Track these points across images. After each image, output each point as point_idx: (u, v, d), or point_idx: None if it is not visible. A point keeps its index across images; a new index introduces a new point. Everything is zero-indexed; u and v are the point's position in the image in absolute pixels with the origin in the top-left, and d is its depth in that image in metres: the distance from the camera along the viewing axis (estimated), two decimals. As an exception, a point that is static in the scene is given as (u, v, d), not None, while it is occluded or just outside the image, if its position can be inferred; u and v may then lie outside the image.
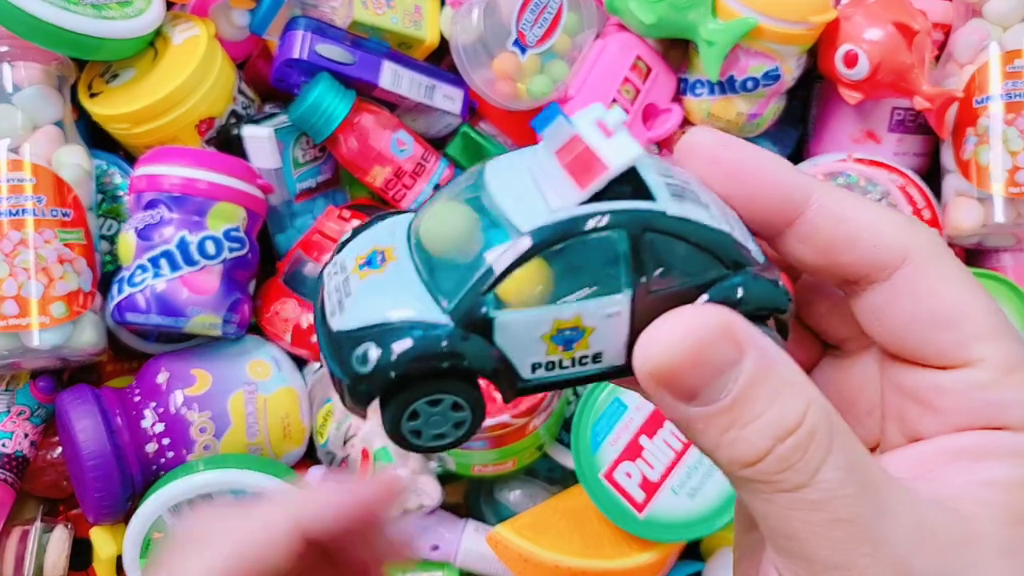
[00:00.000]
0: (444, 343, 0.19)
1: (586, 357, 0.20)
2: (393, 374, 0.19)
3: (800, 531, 0.18)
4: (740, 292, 0.20)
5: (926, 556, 0.19)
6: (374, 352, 0.19)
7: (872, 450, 0.23)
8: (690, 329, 0.18)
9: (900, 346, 0.22)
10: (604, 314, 0.19)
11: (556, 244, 0.19)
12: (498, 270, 0.19)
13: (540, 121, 0.20)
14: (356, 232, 0.22)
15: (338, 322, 0.20)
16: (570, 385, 0.21)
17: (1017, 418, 0.20)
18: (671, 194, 0.20)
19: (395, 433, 0.20)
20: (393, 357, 0.18)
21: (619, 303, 0.19)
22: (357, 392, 0.19)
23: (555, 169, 0.19)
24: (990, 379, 0.20)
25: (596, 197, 0.19)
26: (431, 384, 0.19)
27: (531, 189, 0.20)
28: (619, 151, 0.19)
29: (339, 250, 0.22)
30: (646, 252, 0.19)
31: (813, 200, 0.21)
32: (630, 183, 0.19)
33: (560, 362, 0.20)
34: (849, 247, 0.21)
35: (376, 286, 0.20)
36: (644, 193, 0.19)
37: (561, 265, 0.19)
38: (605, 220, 0.19)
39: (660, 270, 0.19)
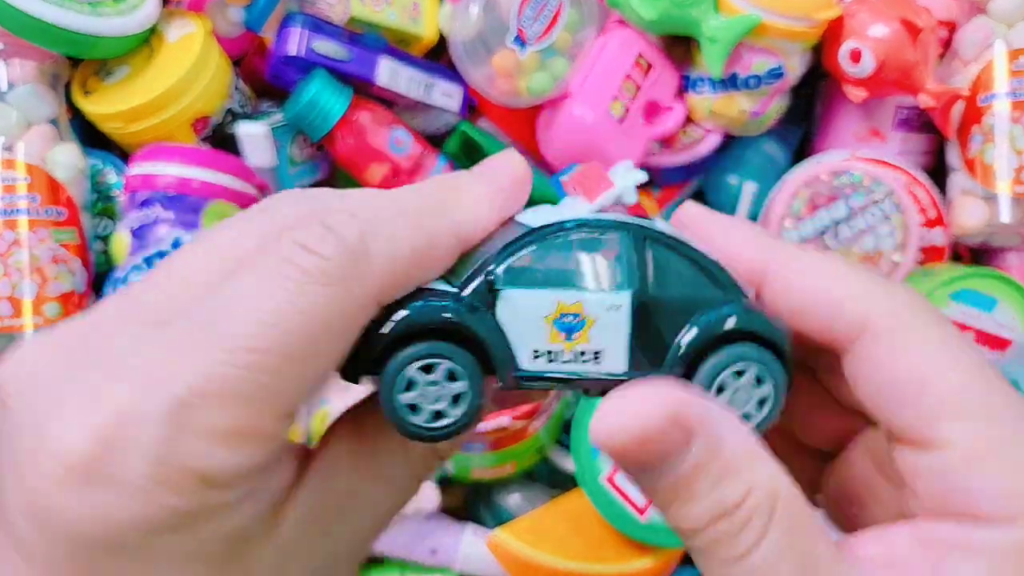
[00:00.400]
0: (446, 313, 0.20)
1: (586, 353, 0.21)
2: (390, 338, 0.20)
3: None
4: (731, 322, 0.21)
5: None
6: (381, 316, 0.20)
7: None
8: (640, 414, 0.19)
9: (877, 419, 0.21)
10: (605, 306, 0.20)
11: (562, 234, 0.21)
12: (508, 249, 0.21)
13: (560, 173, 0.24)
14: None
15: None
16: (569, 386, 0.21)
17: (989, 508, 0.19)
18: (671, 228, 0.22)
19: (391, 408, 0.20)
20: (391, 326, 0.20)
21: (619, 299, 0.21)
22: (357, 355, 0.20)
23: (571, 200, 0.23)
24: (958, 463, 0.20)
25: None
26: (424, 345, 0.20)
27: (551, 214, 0.22)
28: (624, 175, 0.22)
29: None
30: (646, 258, 0.21)
31: (769, 270, 0.22)
32: (635, 217, 0.22)
33: (561, 353, 0.21)
34: (806, 317, 0.21)
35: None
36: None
37: (567, 253, 0.21)
38: (610, 221, 0.21)
39: (658, 277, 0.21)
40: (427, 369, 0.20)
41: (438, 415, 0.20)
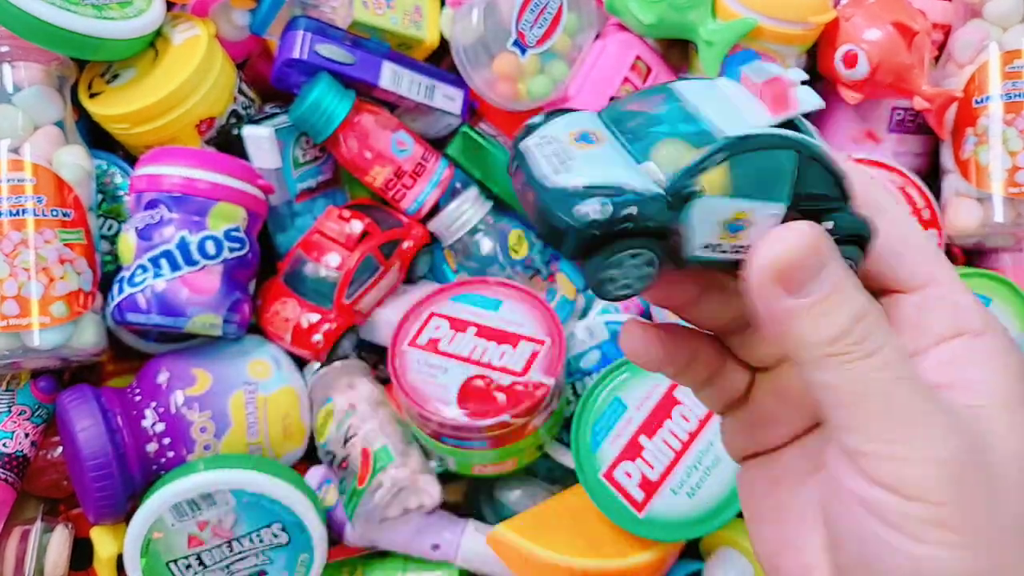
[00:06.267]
0: (659, 211, 0.23)
1: (739, 246, 0.25)
2: (619, 226, 0.23)
3: (872, 389, 0.23)
4: (845, 223, 0.25)
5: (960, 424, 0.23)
6: (607, 207, 0.23)
7: None
8: (805, 234, 0.24)
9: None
10: (767, 214, 0.24)
11: (751, 150, 0.24)
12: (704, 162, 0.24)
13: (736, 60, 0.24)
14: (548, 118, 0.26)
15: (563, 180, 0.24)
16: (715, 266, 0.25)
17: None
18: (819, 136, 0.25)
19: (596, 277, 0.24)
20: (623, 212, 0.23)
21: (778, 209, 0.24)
22: (582, 235, 0.23)
23: (749, 97, 0.25)
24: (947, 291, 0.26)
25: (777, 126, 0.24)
26: (640, 240, 0.24)
27: (728, 108, 0.25)
28: (807, 98, 0.24)
29: (529, 132, 0.26)
30: (804, 173, 0.24)
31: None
32: (793, 126, 0.25)
33: (722, 245, 0.25)
34: (893, 261, 0.27)
35: (598, 157, 0.24)
36: (804, 133, 0.25)
37: (748, 168, 0.24)
38: (788, 140, 0.24)
39: (807, 191, 0.25)
40: (634, 255, 0.24)
41: (626, 285, 0.25)
